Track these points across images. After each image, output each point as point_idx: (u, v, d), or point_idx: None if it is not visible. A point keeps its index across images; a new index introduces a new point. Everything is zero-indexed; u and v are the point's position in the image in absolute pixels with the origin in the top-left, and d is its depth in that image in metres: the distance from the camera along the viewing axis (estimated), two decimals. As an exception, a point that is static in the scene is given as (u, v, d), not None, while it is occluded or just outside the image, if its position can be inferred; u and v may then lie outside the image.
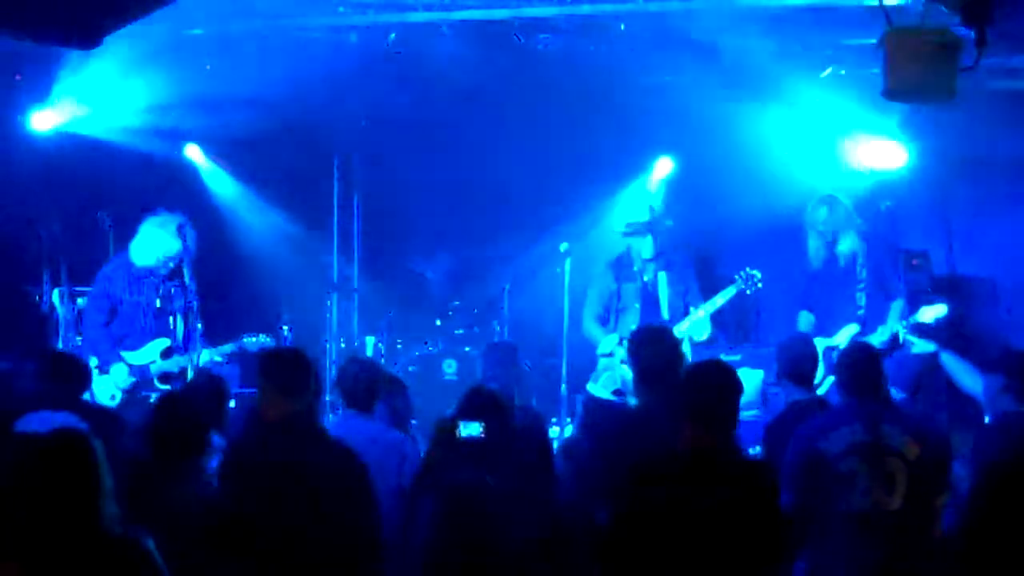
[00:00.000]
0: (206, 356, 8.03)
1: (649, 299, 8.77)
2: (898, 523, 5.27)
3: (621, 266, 8.92)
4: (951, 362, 7.20)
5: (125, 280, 8.22)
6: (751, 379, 7.48)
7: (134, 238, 8.28)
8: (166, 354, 8.13)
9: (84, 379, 6.45)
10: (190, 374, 7.75)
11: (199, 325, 7.98)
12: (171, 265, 8.19)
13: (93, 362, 8.06)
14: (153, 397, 7.63)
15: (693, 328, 8.55)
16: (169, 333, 8.19)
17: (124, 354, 8.10)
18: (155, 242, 8.19)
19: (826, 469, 5.29)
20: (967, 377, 6.89)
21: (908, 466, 5.30)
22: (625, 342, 7.22)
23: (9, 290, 9.55)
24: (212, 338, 8.26)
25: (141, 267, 8.18)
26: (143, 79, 9.40)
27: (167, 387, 7.97)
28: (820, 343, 8.01)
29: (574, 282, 8.91)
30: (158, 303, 8.16)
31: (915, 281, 9.38)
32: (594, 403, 8.24)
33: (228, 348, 8.23)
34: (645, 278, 8.83)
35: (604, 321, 8.80)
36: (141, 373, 8.06)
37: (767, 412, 8.07)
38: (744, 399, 7.07)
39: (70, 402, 6.09)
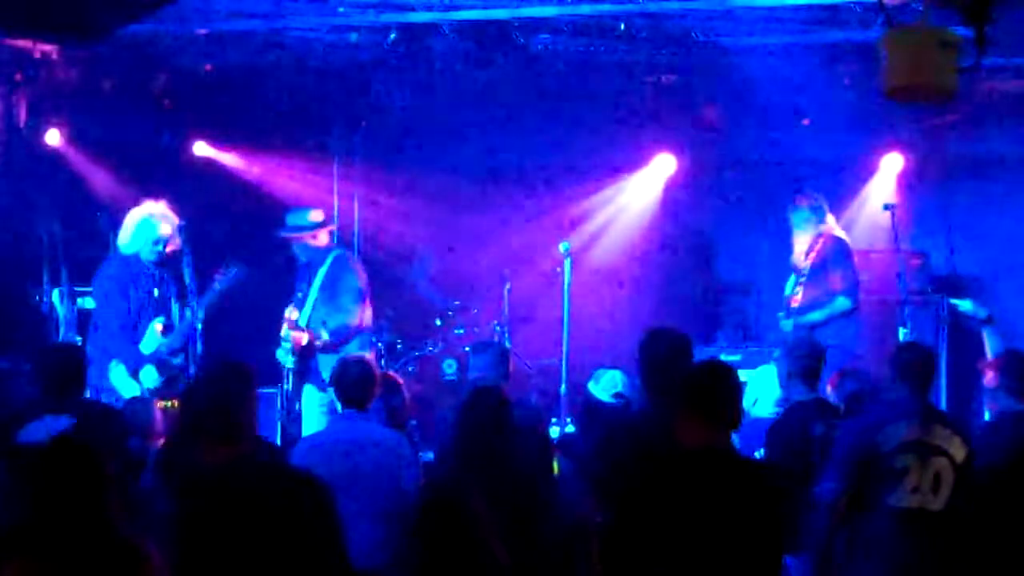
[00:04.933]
0: (190, 316, 7.92)
1: None
2: (937, 525, 5.27)
3: None
4: (992, 340, 7.19)
5: (127, 278, 8.18)
6: (769, 377, 7.42)
7: (119, 233, 8.20)
8: (165, 331, 8.06)
9: (80, 377, 6.40)
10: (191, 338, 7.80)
11: (200, 313, 7.93)
12: (160, 250, 8.12)
13: (121, 368, 8.04)
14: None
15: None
16: (164, 313, 8.12)
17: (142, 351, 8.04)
18: (143, 231, 8.15)
19: (880, 462, 5.30)
20: None
21: (955, 468, 5.31)
22: None
23: (9, 290, 9.55)
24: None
25: (133, 260, 8.16)
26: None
27: (179, 360, 7.96)
28: None
29: (574, 282, 8.91)
30: (156, 292, 8.08)
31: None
32: (595, 405, 8.22)
33: (207, 300, 8.04)
34: None
35: None
36: (158, 359, 8.02)
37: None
38: (773, 398, 7.12)
39: (69, 404, 6.04)
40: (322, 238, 8.66)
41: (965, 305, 8.01)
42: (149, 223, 8.14)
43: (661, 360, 5.62)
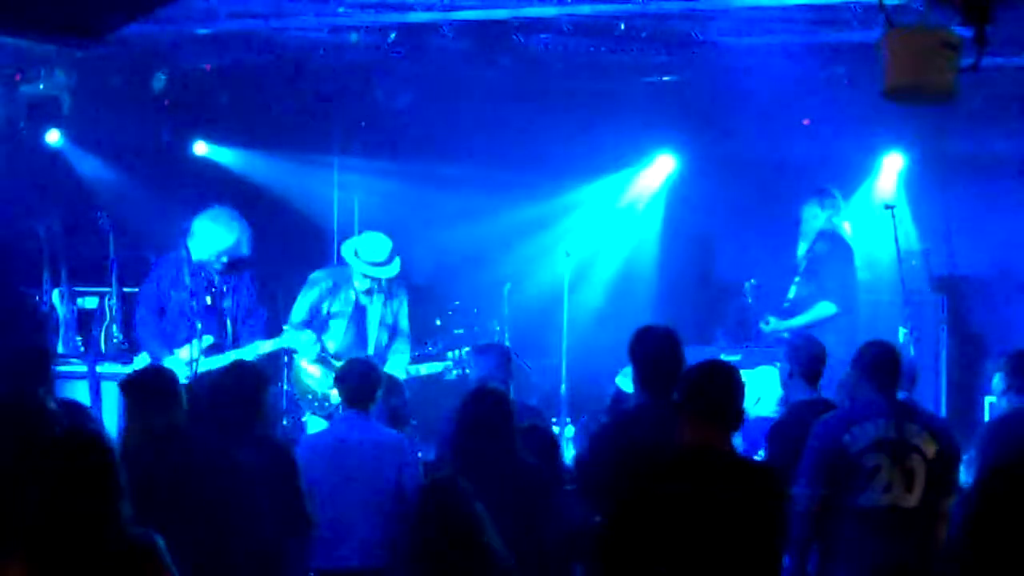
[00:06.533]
0: (244, 354, 7.82)
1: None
2: (912, 522, 5.26)
3: None
4: None
5: (172, 277, 8.09)
6: (770, 377, 7.41)
7: (189, 234, 8.07)
8: (209, 351, 7.87)
9: (42, 371, 6.31)
10: None
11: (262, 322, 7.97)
12: (224, 260, 8.01)
13: (145, 358, 8.00)
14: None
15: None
16: (217, 331, 7.97)
17: (176, 351, 7.96)
18: (209, 236, 8.05)
19: (848, 463, 5.28)
20: None
21: (927, 464, 5.29)
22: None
23: (9, 290, 9.56)
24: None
25: (194, 262, 7.99)
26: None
27: None
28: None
29: (574, 282, 8.91)
30: (209, 300, 7.97)
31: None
32: (626, 397, 8.18)
33: (274, 344, 8.07)
34: None
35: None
36: (189, 369, 7.82)
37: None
38: (775, 398, 7.12)
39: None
40: None
41: None
42: (209, 230, 8.02)
43: (653, 357, 5.62)
